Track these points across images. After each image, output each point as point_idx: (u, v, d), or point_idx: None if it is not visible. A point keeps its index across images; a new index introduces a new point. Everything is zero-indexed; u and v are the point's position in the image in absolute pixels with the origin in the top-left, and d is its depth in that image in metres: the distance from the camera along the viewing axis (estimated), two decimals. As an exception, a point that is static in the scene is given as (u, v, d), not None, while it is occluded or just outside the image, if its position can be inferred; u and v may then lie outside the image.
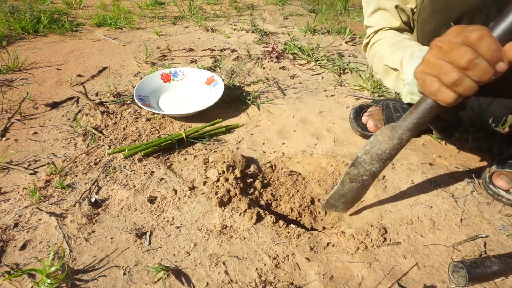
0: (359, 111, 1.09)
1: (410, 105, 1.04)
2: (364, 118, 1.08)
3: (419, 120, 0.59)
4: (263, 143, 1.05)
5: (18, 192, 0.83)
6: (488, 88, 0.87)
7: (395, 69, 0.78)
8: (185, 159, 0.97)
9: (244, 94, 1.30)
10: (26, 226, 0.75)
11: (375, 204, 0.84)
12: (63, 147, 1.00)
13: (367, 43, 0.93)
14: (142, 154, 0.96)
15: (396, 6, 0.85)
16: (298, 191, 0.88)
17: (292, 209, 0.84)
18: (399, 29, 0.87)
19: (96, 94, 1.26)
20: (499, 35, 0.48)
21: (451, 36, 0.50)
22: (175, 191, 0.85)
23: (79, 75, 1.40)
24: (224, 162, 0.90)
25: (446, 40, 0.50)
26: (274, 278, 0.66)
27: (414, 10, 0.88)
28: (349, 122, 1.12)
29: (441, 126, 1.01)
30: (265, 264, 0.68)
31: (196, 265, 0.68)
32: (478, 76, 0.48)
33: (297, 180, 0.91)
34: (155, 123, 1.11)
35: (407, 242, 0.74)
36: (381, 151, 0.64)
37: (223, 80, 1.26)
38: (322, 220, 0.83)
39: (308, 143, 1.05)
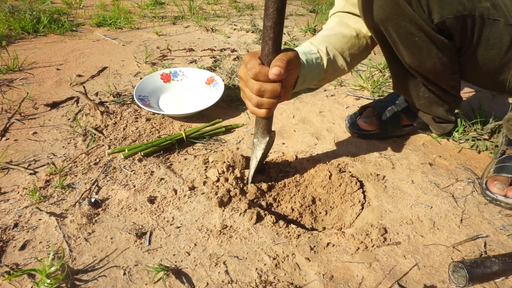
0: (354, 117, 1.10)
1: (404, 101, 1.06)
2: (358, 121, 1.09)
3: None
4: (263, 143, 1.05)
5: (18, 192, 0.83)
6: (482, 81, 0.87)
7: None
8: (185, 159, 0.97)
9: (244, 94, 1.30)
10: (26, 226, 0.75)
11: (375, 204, 0.84)
12: (63, 147, 0.99)
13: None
14: (142, 154, 0.96)
15: None
16: (299, 190, 0.87)
17: (292, 209, 0.84)
18: (343, 12, 0.90)
19: (96, 94, 1.26)
20: (261, 58, 0.63)
21: (244, 71, 0.64)
22: (175, 191, 0.85)
23: (79, 75, 1.40)
24: (224, 162, 0.90)
25: (242, 75, 0.65)
26: (274, 278, 0.66)
27: None
28: (345, 127, 1.12)
29: (433, 119, 1.02)
30: (265, 264, 0.68)
31: (196, 265, 0.68)
32: (270, 95, 0.62)
33: (297, 180, 0.91)
34: (155, 123, 1.11)
35: (407, 242, 0.74)
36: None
37: (223, 80, 1.26)
38: (322, 220, 0.83)
39: (308, 143, 1.05)
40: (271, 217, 0.78)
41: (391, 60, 0.92)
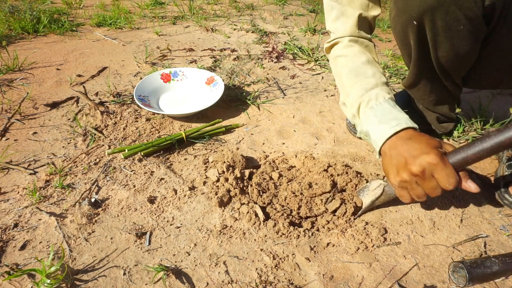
0: None
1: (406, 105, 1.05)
2: None
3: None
4: (263, 143, 1.05)
5: (18, 192, 0.83)
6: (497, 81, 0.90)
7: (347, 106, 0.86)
8: (185, 159, 0.97)
9: (244, 94, 1.30)
10: (26, 226, 0.75)
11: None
12: (63, 147, 0.99)
13: (329, 47, 0.95)
14: (142, 154, 0.96)
15: (360, 15, 0.86)
16: (299, 184, 0.87)
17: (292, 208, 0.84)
18: (358, 37, 0.89)
19: (96, 94, 1.26)
20: (454, 163, 0.64)
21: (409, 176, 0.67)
22: (175, 191, 0.85)
23: (79, 75, 1.40)
24: (224, 162, 0.90)
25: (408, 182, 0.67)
26: (274, 278, 0.66)
27: (378, 17, 0.92)
28: (346, 127, 1.12)
29: (437, 118, 1.02)
30: (265, 264, 0.68)
31: (196, 265, 0.68)
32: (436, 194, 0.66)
33: (296, 176, 0.91)
34: (155, 123, 1.11)
35: (407, 242, 0.74)
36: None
37: (223, 80, 1.26)
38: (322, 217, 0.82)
39: (308, 143, 1.05)
40: (271, 217, 0.78)
41: (419, 55, 0.86)
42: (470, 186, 0.65)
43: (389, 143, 0.71)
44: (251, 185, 0.86)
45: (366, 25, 0.90)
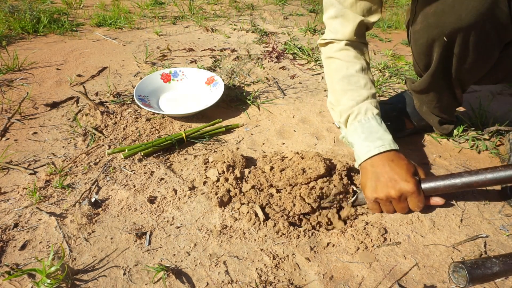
0: None
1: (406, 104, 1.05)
2: None
3: None
4: (263, 143, 1.05)
5: (18, 192, 0.83)
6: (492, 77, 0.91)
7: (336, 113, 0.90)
8: (185, 159, 0.97)
9: (244, 94, 1.30)
10: (26, 226, 0.75)
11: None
12: (63, 147, 1.00)
13: (324, 44, 0.94)
14: (142, 154, 0.96)
15: (360, 21, 0.86)
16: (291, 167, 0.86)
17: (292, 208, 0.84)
18: (354, 42, 0.89)
19: (96, 94, 1.26)
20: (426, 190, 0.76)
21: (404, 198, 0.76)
22: (175, 191, 0.85)
23: (79, 75, 1.40)
24: (224, 162, 0.90)
25: (395, 197, 0.75)
26: (274, 278, 0.66)
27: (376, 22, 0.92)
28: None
29: (439, 121, 1.01)
30: (265, 264, 0.68)
31: (196, 265, 0.68)
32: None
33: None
34: (155, 123, 1.11)
35: (407, 242, 0.74)
36: None
37: (223, 80, 1.26)
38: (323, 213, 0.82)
39: (308, 143, 1.05)
40: (271, 217, 0.78)
41: (440, 68, 0.84)
42: (437, 201, 0.77)
43: (371, 160, 0.78)
44: (246, 181, 0.85)
45: (364, 29, 0.90)
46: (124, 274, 0.66)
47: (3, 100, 1.19)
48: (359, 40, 0.90)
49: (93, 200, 0.81)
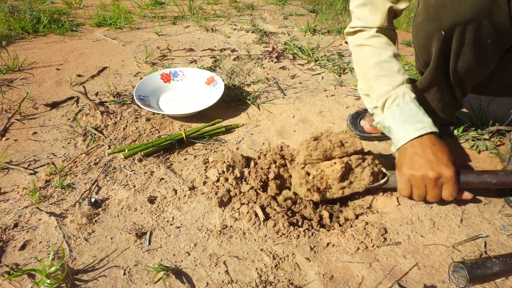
0: (356, 117, 1.11)
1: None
2: (362, 122, 1.09)
3: None
4: (263, 143, 1.05)
5: (18, 192, 0.83)
6: (489, 89, 0.87)
7: (372, 98, 0.87)
8: (185, 159, 0.97)
9: (244, 94, 1.30)
10: (26, 226, 0.75)
11: (375, 204, 0.84)
12: (63, 147, 0.99)
13: (353, 32, 0.94)
14: (142, 154, 0.96)
15: (390, 8, 0.86)
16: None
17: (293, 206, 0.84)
18: (384, 29, 0.89)
19: (96, 94, 1.26)
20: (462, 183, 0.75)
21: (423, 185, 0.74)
22: (175, 191, 0.85)
23: (79, 75, 1.40)
24: (224, 162, 0.90)
25: (432, 183, 0.73)
26: (274, 278, 0.66)
27: (403, 10, 0.90)
28: (347, 126, 1.12)
29: (440, 123, 1.01)
30: (265, 264, 0.68)
31: (196, 265, 0.68)
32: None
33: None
34: (155, 123, 1.11)
35: (407, 242, 0.74)
36: None
37: (223, 80, 1.26)
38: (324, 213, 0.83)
39: (308, 143, 1.05)
40: (271, 217, 0.78)
41: (438, 64, 0.85)
42: (467, 196, 0.77)
43: (411, 143, 0.76)
44: (247, 182, 0.85)
45: (392, 16, 0.89)
46: (124, 274, 0.66)
47: (3, 100, 1.19)
48: (389, 27, 0.89)
49: (93, 200, 0.81)
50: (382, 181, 0.80)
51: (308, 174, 0.79)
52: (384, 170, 0.81)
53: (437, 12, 0.75)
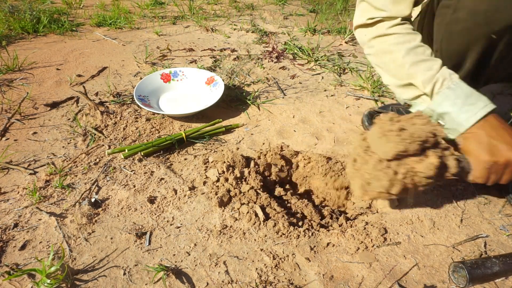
0: (370, 117, 1.11)
1: None
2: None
3: None
4: (263, 143, 1.05)
5: (18, 192, 0.83)
6: None
7: (416, 86, 0.79)
8: (185, 159, 0.97)
9: (244, 94, 1.30)
10: (26, 226, 0.75)
11: (375, 204, 0.84)
12: (63, 147, 0.99)
13: (372, 23, 0.86)
14: (142, 154, 0.96)
15: None
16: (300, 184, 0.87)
17: (293, 205, 0.84)
18: (405, 19, 0.84)
19: (96, 94, 1.26)
20: None
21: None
22: (175, 191, 0.85)
23: (79, 75, 1.40)
24: (224, 162, 0.90)
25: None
26: (274, 278, 0.66)
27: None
28: (363, 127, 1.12)
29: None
30: (265, 264, 0.68)
31: (196, 265, 0.68)
32: None
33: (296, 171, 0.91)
34: (155, 123, 1.11)
35: (407, 242, 0.74)
36: None
37: (223, 80, 1.26)
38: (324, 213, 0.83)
39: (308, 143, 1.05)
40: (271, 217, 0.78)
41: (473, 68, 0.84)
42: None
43: (478, 125, 0.70)
44: (247, 182, 0.85)
45: (412, 6, 0.85)
46: (124, 274, 0.66)
47: (3, 100, 1.19)
48: (408, 17, 0.85)
49: (93, 200, 0.81)
50: (456, 167, 0.69)
51: (396, 173, 0.65)
52: (456, 153, 0.71)
53: (488, 18, 0.74)
